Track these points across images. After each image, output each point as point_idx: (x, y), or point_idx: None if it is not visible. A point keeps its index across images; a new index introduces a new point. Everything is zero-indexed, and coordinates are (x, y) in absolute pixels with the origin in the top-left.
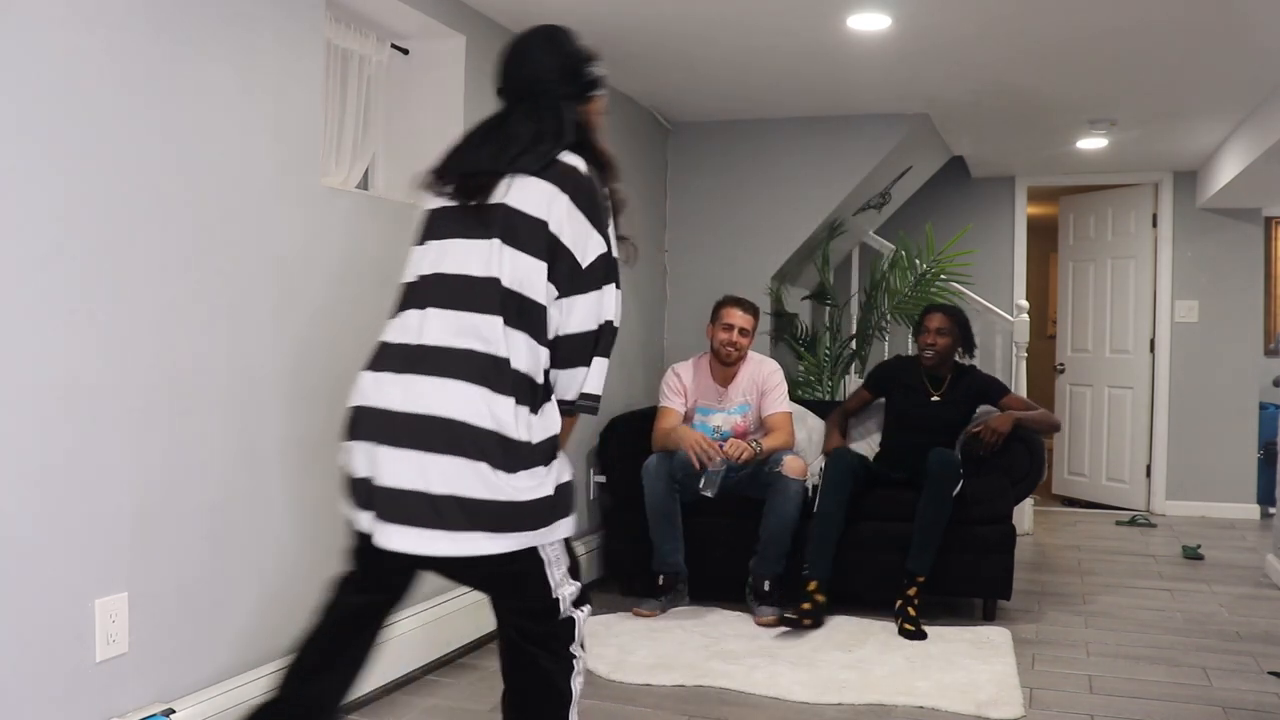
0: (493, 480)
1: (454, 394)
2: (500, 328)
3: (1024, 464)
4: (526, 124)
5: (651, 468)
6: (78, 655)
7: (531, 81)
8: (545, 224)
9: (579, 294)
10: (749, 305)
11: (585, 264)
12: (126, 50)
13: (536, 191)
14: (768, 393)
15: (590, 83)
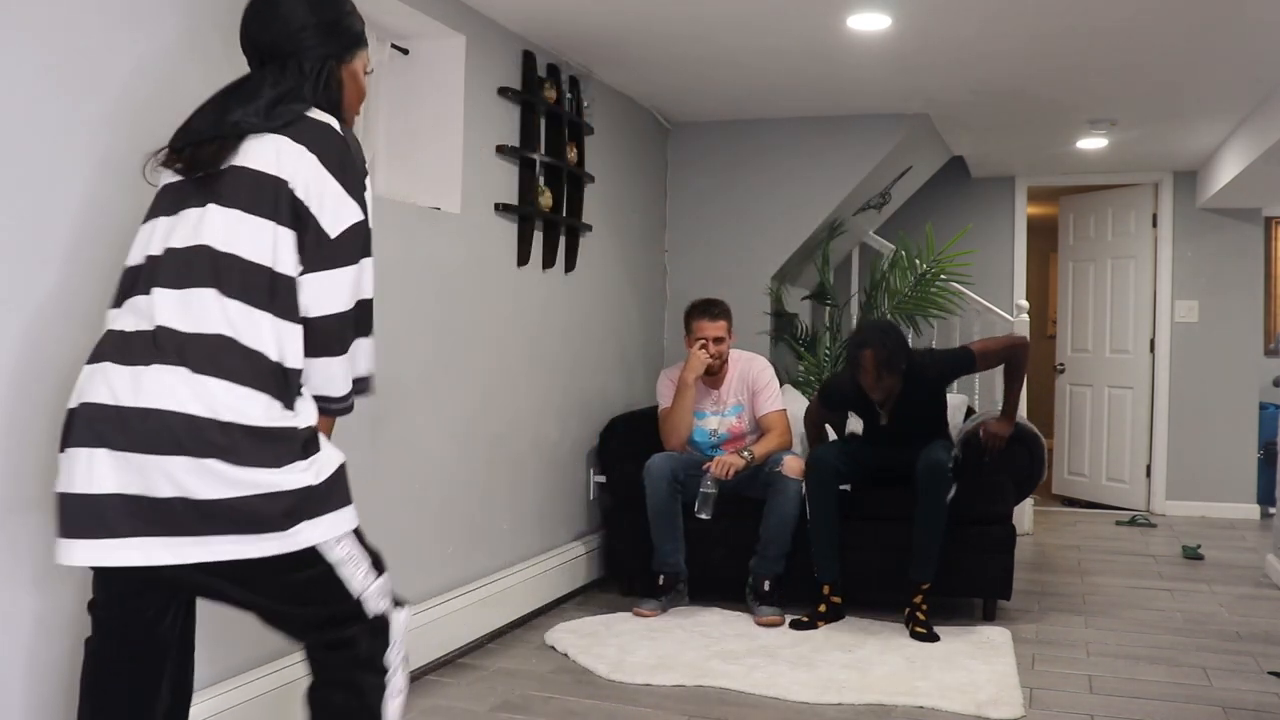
0: (233, 475)
1: (179, 384)
2: (223, 303)
3: (1024, 464)
4: (270, 87)
5: (653, 468)
6: (79, 654)
7: (283, 39)
8: (284, 183)
9: (329, 269)
10: (718, 310)
11: (335, 234)
12: (124, 50)
13: (274, 148)
14: (758, 392)
15: (352, 38)
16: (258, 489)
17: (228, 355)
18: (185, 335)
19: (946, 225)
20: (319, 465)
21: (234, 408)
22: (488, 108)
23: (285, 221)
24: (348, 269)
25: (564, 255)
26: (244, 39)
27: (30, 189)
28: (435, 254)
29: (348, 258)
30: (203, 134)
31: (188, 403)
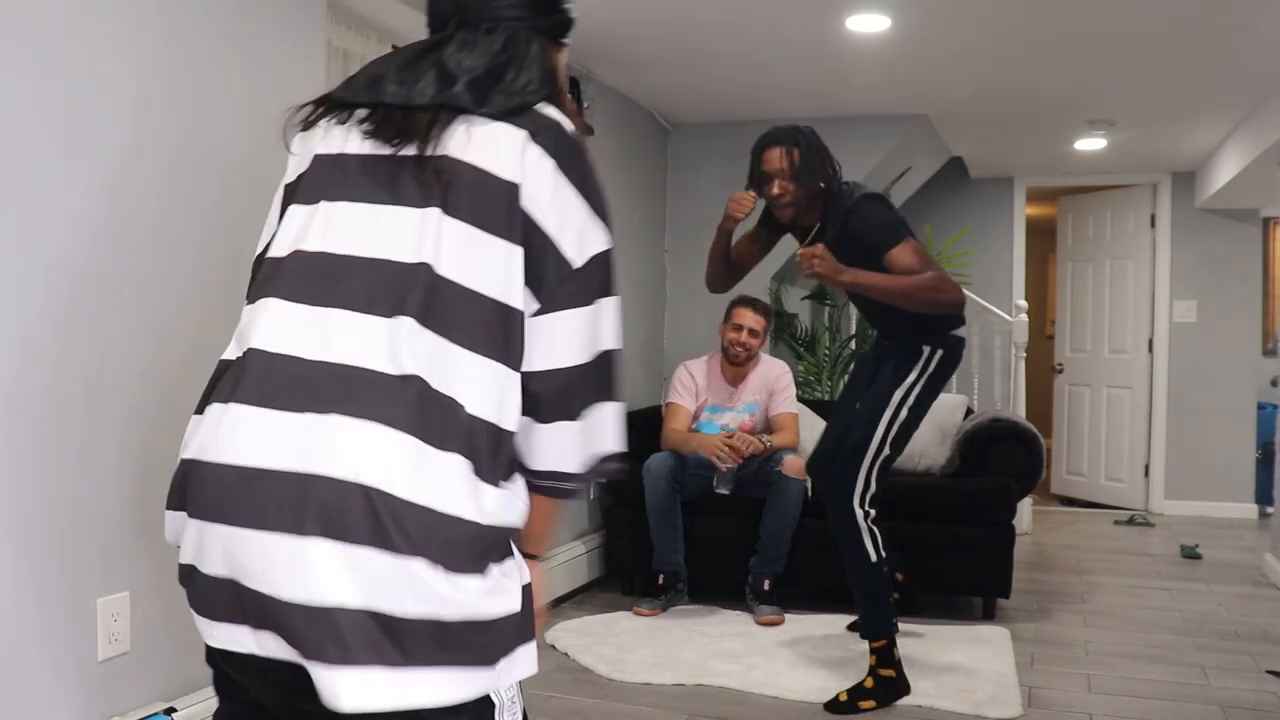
0: (433, 584)
1: (368, 446)
2: (440, 345)
3: (1022, 463)
4: (477, 52)
5: (652, 467)
6: (79, 654)
7: (487, 3)
8: (516, 189)
9: (564, 309)
10: (761, 306)
11: (579, 263)
12: (125, 52)
13: (506, 142)
14: (776, 393)
15: (565, 22)
16: (469, 606)
17: (431, 411)
18: (368, 375)
19: (946, 226)
20: (519, 574)
21: (438, 486)
22: None
23: (516, 239)
24: (584, 310)
25: None
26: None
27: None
28: None
29: (587, 295)
30: (413, 99)
31: (378, 474)
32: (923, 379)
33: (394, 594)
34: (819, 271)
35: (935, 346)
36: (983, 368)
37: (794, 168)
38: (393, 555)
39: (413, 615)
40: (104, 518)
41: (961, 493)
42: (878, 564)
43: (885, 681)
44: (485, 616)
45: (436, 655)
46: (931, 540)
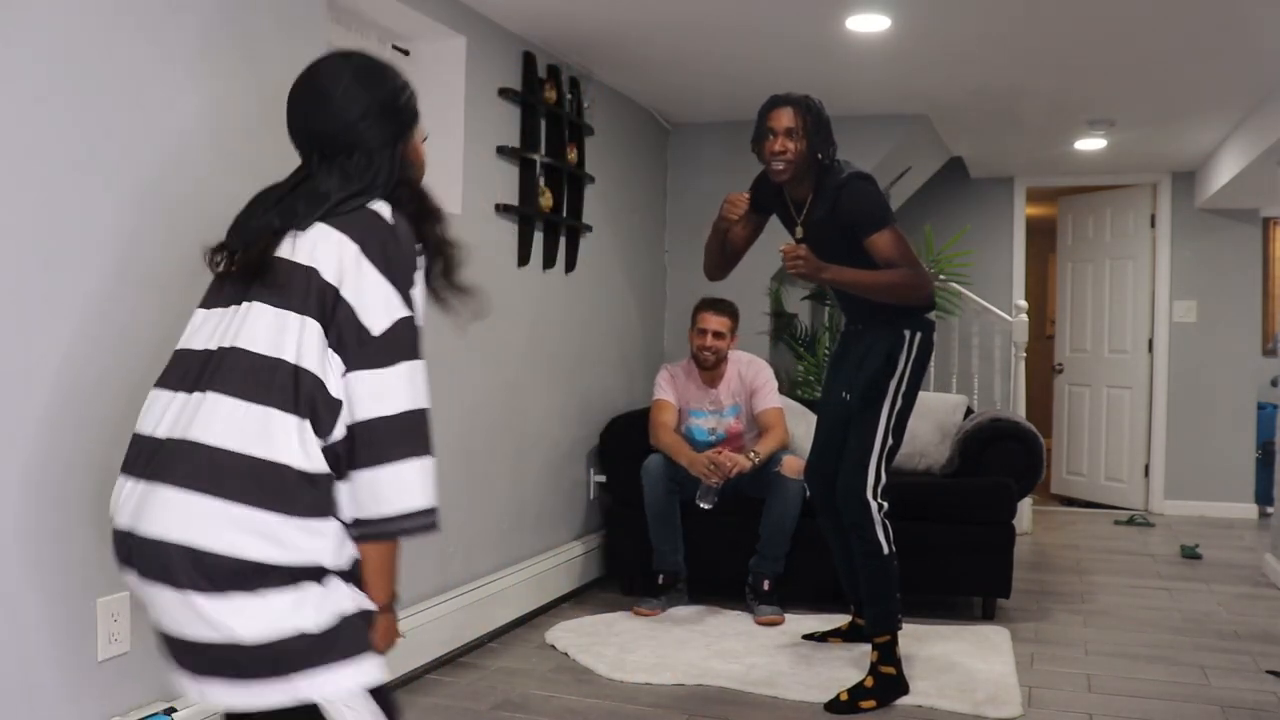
0: (210, 608)
1: (176, 504)
2: (242, 408)
3: (1022, 463)
4: (339, 187)
5: (651, 468)
6: (80, 654)
7: (342, 130)
8: (315, 271)
9: (372, 368)
10: (724, 307)
11: (378, 331)
12: (125, 52)
13: (314, 237)
14: (758, 390)
15: (410, 115)
16: (255, 627)
17: (228, 469)
18: (186, 445)
19: (945, 226)
20: (334, 598)
21: (228, 527)
22: (488, 109)
23: (314, 313)
24: (392, 369)
25: (564, 256)
26: (295, 129)
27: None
28: None
29: (393, 356)
30: (260, 231)
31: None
32: (910, 364)
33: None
34: (801, 272)
35: (914, 330)
36: (983, 368)
37: (802, 127)
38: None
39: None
40: (104, 518)
41: (961, 493)
42: (890, 556)
43: (886, 680)
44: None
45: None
46: (931, 540)
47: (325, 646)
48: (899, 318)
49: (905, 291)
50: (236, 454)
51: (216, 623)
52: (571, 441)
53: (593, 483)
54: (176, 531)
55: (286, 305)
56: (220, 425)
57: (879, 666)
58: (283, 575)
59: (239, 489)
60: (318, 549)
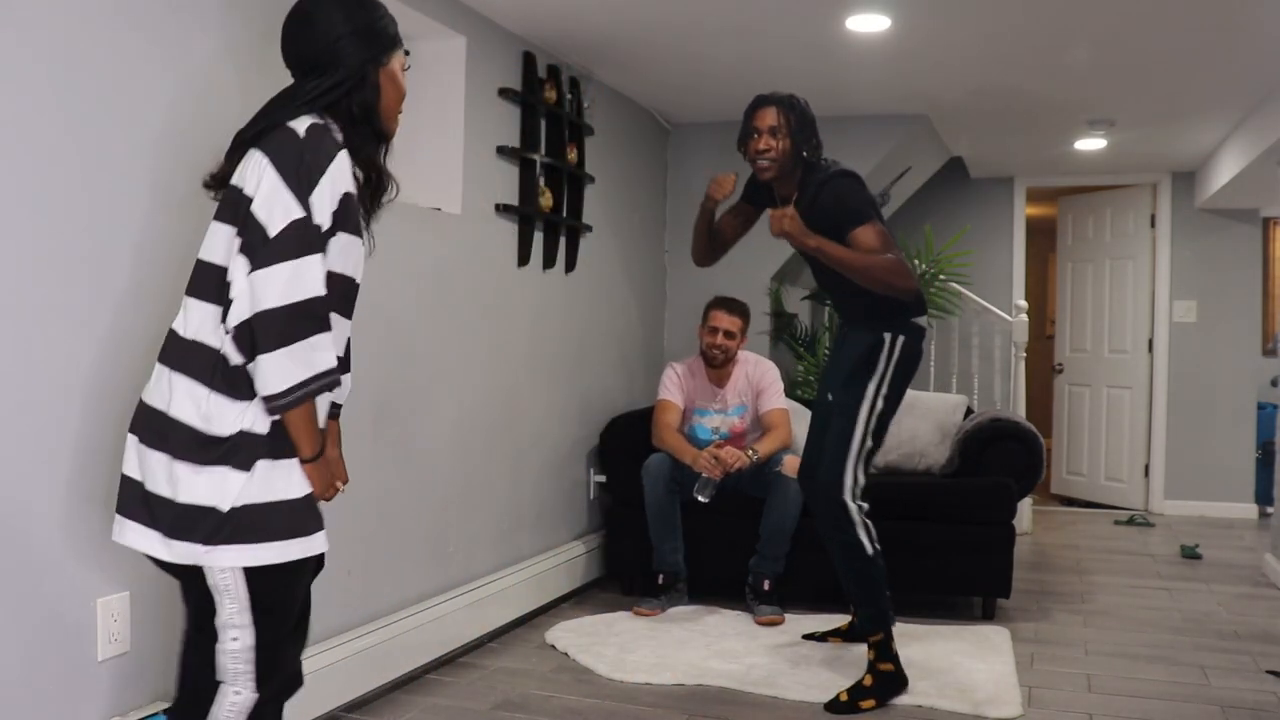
0: (173, 473)
1: (162, 383)
2: (197, 307)
3: (1022, 463)
4: (306, 96)
5: (652, 468)
6: (79, 654)
7: (321, 50)
8: (240, 189)
9: (263, 266)
10: (736, 307)
11: (273, 232)
12: (126, 53)
13: (248, 159)
14: (764, 391)
15: (388, 40)
16: (181, 494)
17: (185, 353)
18: (171, 338)
19: (945, 226)
20: (245, 486)
21: (186, 407)
22: (488, 109)
23: (234, 221)
24: (283, 265)
25: (564, 255)
26: (284, 53)
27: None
28: (436, 255)
29: (284, 254)
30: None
31: (162, 399)
32: (890, 366)
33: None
34: (786, 229)
35: (896, 333)
36: (983, 368)
37: (786, 126)
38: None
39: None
40: (104, 518)
41: (961, 493)
42: (874, 556)
43: (884, 677)
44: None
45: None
46: (931, 540)
47: (225, 525)
48: (882, 320)
49: (886, 275)
50: (184, 339)
51: (160, 477)
52: (571, 441)
53: (593, 483)
54: (160, 401)
55: (224, 218)
56: (183, 319)
57: (877, 664)
58: (213, 451)
59: (186, 365)
60: (232, 419)
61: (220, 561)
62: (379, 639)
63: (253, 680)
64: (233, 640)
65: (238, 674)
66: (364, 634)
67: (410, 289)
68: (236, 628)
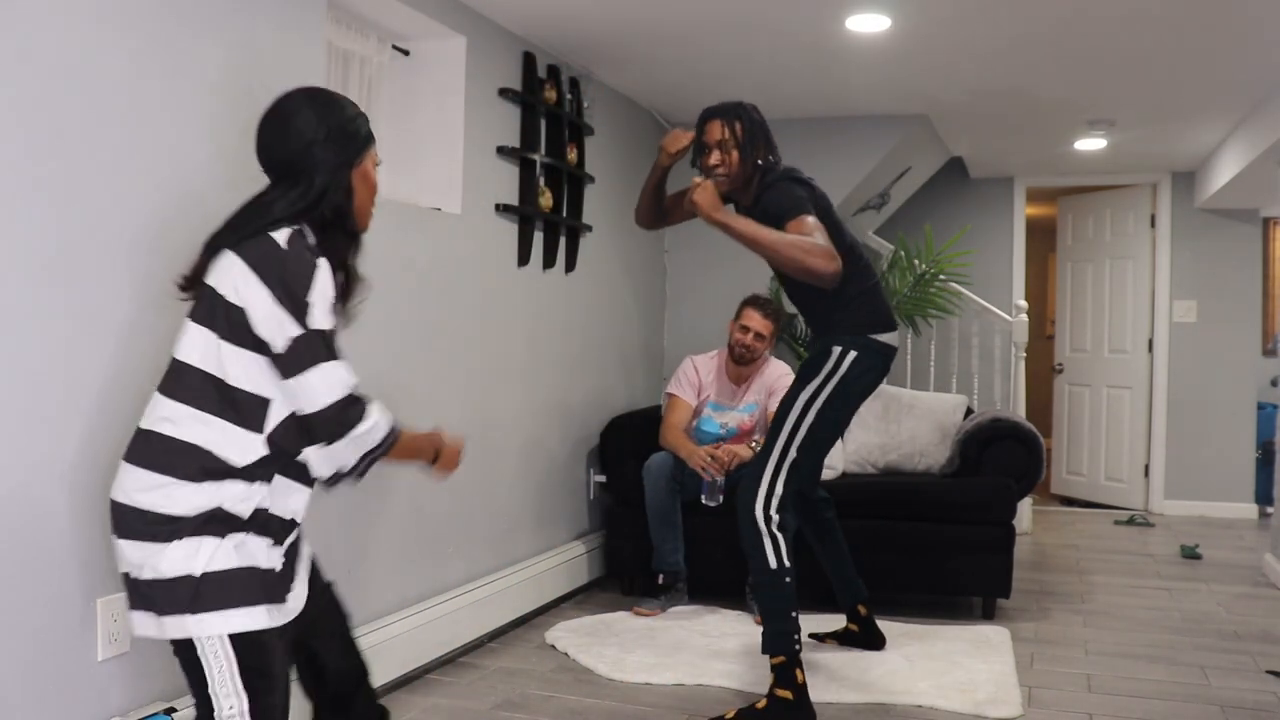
0: (129, 549)
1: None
2: (164, 402)
3: (1022, 463)
4: (282, 205)
5: (653, 467)
6: (79, 654)
7: (296, 155)
8: (218, 293)
9: (288, 378)
10: (771, 310)
11: (279, 349)
12: (126, 52)
13: (224, 263)
14: (775, 393)
15: (361, 142)
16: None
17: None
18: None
19: (945, 226)
20: (212, 553)
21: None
22: (488, 109)
23: (216, 328)
24: (302, 377)
25: (564, 255)
26: (259, 153)
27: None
28: (436, 254)
29: (299, 368)
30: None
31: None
32: (831, 381)
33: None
34: (696, 200)
35: (846, 348)
36: (983, 368)
37: (734, 139)
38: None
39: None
40: (104, 518)
41: (961, 493)
42: (778, 572)
43: (781, 705)
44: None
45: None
46: (931, 540)
47: (202, 593)
48: (836, 332)
49: (795, 255)
50: (157, 434)
51: (136, 562)
52: (572, 442)
53: (593, 483)
54: (119, 494)
55: (200, 320)
56: (152, 414)
57: (775, 689)
58: (181, 527)
59: (151, 460)
60: (202, 503)
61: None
62: (379, 639)
63: None
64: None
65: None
66: (364, 634)
67: (410, 289)
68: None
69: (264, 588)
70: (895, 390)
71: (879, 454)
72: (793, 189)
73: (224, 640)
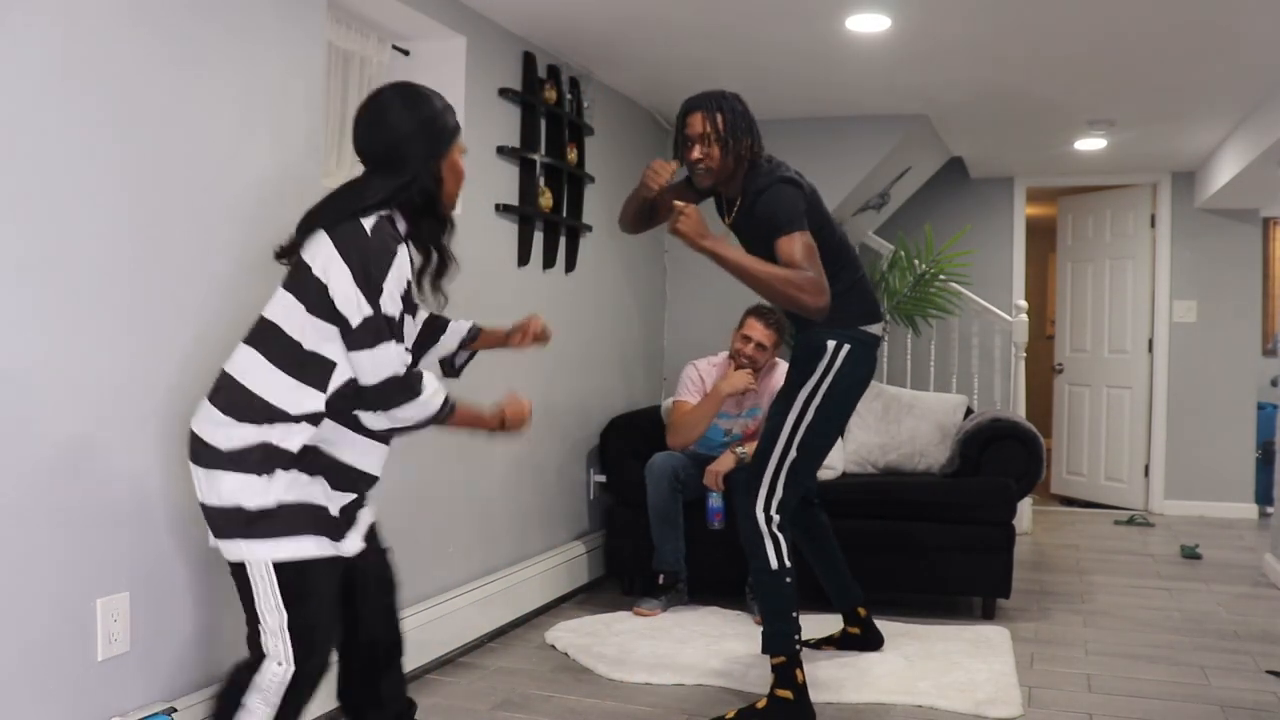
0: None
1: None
2: (246, 352)
3: (1022, 463)
4: (373, 192)
5: (654, 467)
6: (79, 654)
7: (389, 147)
8: (309, 267)
9: (355, 350)
10: (774, 320)
11: (354, 324)
12: (127, 51)
13: (318, 241)
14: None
15: (449, 134)
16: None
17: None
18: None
19: (945, 226)
20: (271, 488)
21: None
22: (488, 109)
23: (308, 303)
24: (364, 352)
25: (564, 255)
26: (355, 142)
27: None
28: None
29: (364, 343)
30: (296, 231)
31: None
32: (829, 376)
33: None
34: (680, 229)
35: (841, 342)
36: (983, 368)
37: (716, 133)
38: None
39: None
40: (104, 518)
41: (961, 493)
42: (779, 572)
43: (781, 705)
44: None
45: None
46: (931, 540)
47: (254, 521)
48: (825, 327)
49: (787, 288)
50: (233, 379)
51: (201, 488)
52: (572, 441)
53: (593, 483)
54: (193, 424)
55: (290, 288)
56: (233, 360)
57: (775, 690)
58: (237, 460)
59: (222, 400)
60: (254, 440)
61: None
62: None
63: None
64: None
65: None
66: None
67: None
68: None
69: (315, 522)
70: (895, 390)
71: (879, 454)
72: (787, 195)
73: (268, 565)
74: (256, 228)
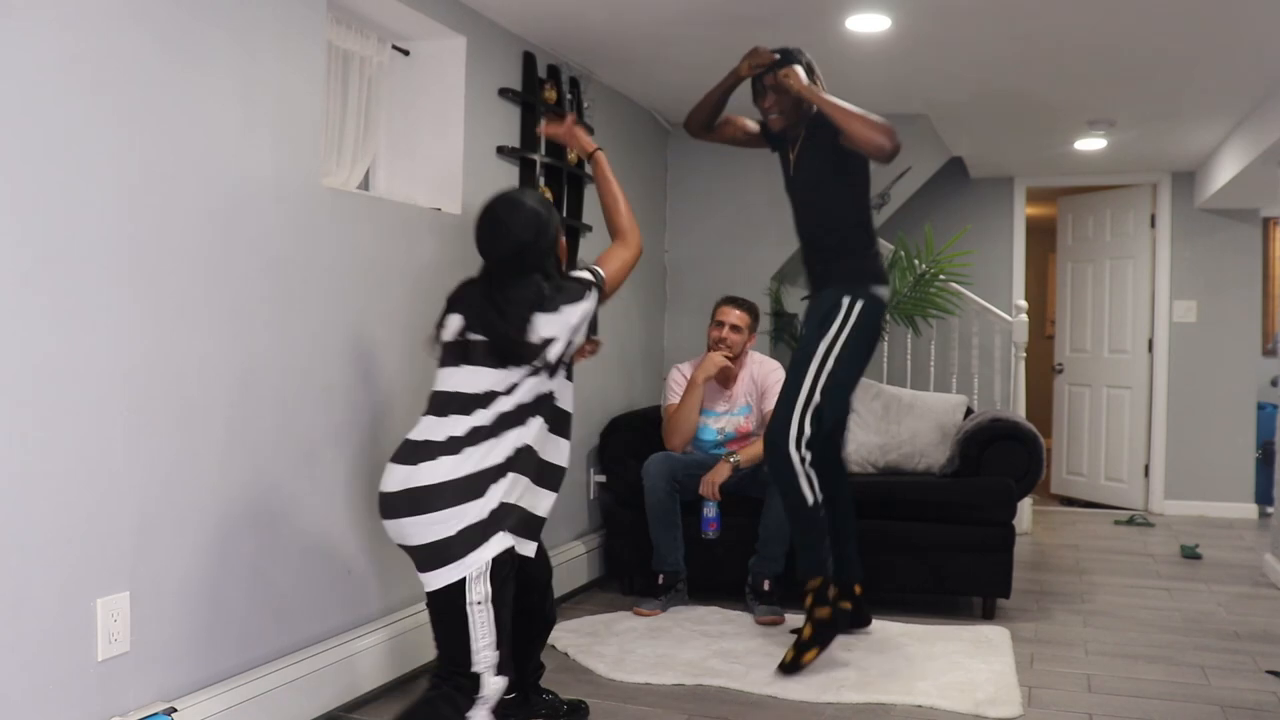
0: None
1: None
2: (431, 419)
3: (1022, 463)
4: (511, 290)
5: (652, 467)
6: (79, 654)
7: (514, 255)
8: (539, 345)
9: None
10: (745, 304)
11: (551, 359)
12: (128, 51)
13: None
14: (768, 391)
15: (556, 232)
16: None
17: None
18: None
19: (945, 226)
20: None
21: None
22: (488, 109)
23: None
24: (561, 379)
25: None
26: (479, 247)
27: None
28: (436, 254)
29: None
30: (509, 336)
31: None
32: (846, 328)
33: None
34: (791, 83)
35: (855, 297)
36: (983, 368)
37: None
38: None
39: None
40: (104, 518)
41: (961, 493)
42: (815, 506)
43: (822, 625)
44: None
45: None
46: (931, 540)
47: (454, 545)
48: (845, 283)
49: (875, 130)
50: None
51: (410, 534)
52: (572, 441)
53: (593, 483)
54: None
55: (501, 365)
56: (425, 430)
57: (815, 610)
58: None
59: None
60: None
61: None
62: (380, 638)
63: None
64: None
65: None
66: (365, 633)
67: (410, 289)
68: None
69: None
70: (895, 390)
71: (879, 454)
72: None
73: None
74: (256, 227)
